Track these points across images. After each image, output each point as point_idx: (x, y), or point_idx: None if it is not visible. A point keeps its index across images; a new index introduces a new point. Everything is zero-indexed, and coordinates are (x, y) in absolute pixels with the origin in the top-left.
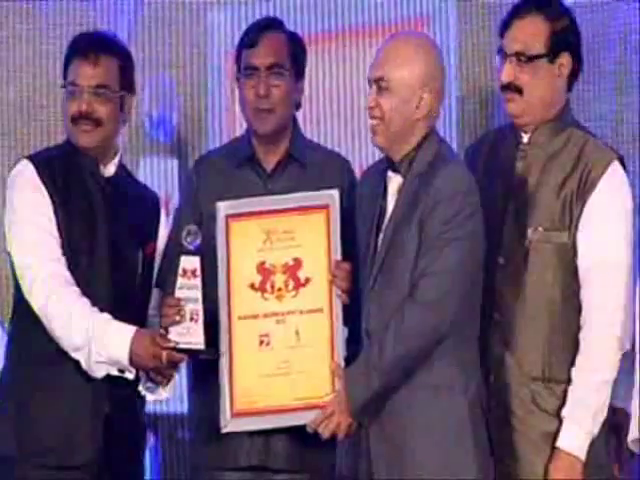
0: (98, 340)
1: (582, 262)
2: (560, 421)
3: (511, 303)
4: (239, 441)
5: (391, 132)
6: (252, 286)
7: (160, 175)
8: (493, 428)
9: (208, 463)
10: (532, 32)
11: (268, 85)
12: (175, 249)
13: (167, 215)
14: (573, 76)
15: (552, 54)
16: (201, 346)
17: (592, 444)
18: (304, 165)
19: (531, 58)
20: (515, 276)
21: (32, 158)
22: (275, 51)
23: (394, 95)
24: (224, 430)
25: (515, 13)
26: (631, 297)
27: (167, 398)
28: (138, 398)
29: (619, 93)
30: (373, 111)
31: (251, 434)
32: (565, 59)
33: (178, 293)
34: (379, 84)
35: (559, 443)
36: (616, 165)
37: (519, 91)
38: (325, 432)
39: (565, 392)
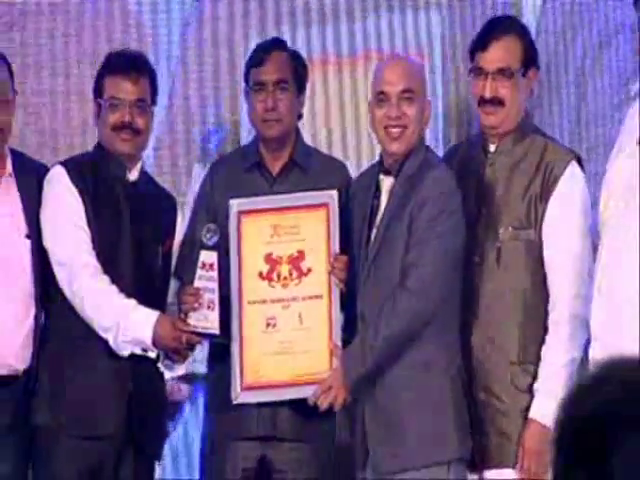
0: (125, 322)
1: (547, 254)
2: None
3: (488, 296)
4: (248, 414)
5: (412, 138)
6: (260, 275)
7: None
8: (476, 407)
9: (220, 434)
10: (510, 50)
11: (275, 99)
12: (191, 245)
13: None
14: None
15: (524, 68)
16: (216, 331)
17: None
18: (306, 169)
19: (512, 74)
20: (490, 272)
21: (64, 163)
22: (280, 68)
23: (415, 105)
24: (235, 402)
25: (491, 34)
26: (588, 283)
27: (182, 374)
28: (158, 374)
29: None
30: (398, 120)
31: (258, 408)
32: (533, 72)
33: (197, 283)
34: (403, 96)
35: (531, 414)
36: (574, 164)
37: (501, 104)
38: (324, 404)
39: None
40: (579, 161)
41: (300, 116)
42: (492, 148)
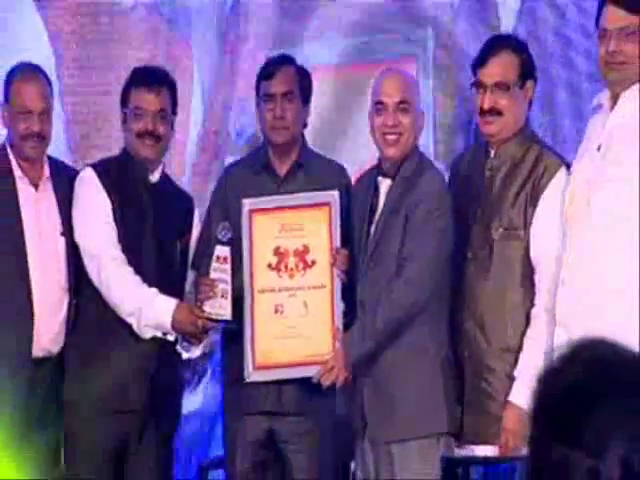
0: (147, 308)
1: (532, 252)
2: None
3: (479, 289)
4: (257, 391)
5: (407, 145)
6: (269, 266)
7: None
8: (466, 389)
9: (232, 409)
10: (507, 65)
11: (282, 108)
12: (207, 240)
13: None
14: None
15: (521, 82)
16: (229, 317)
17: None
18: (310, 171)
19: (509, 87)
20: (481, 267)
21: (94, 166)
22: (287, 81)
23: (410, 114)
24: (247, 380)
25: (489, 51)
26: None
27: (198, 355)
28: (176, 355)
29: None
30: (394, 128)
31: (266, 385)
32: (530, 84)
33: (212, 275)
34: (399, 106)
35: (510, 398)
36: (563, 171)
37: (499, 114)
38: (326, 382)
39: None
40: (568, 167)
41: (305, 124)
42: (492, 153)
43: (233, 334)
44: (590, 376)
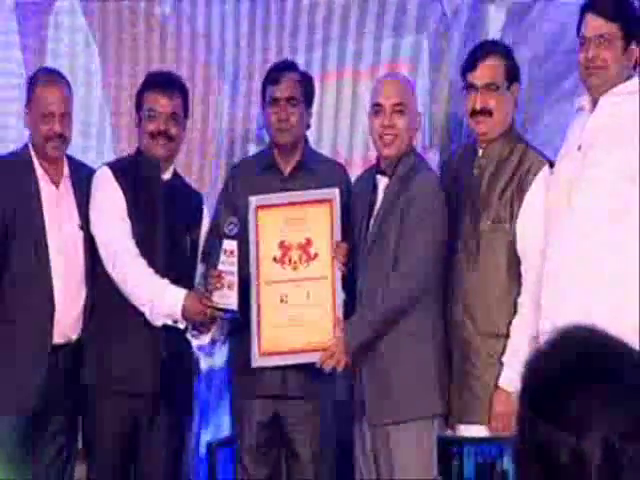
0: (159, 298)
1: (519, 245)
2: None
3: (468, 279)
4: (263, 376)
5: (402, 145)
6: (275, 259)
7: None
8: (455, 374)
9: (241, 393)
10: (495, 68)
11: (287, 112)
12: (216, 234)
13: None
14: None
15: (508, 84)
16: (235, 307)
17: None
18: (312, 170)
19: (497, 88)
20: (470, 258)
21: (109, 164)
22: (292, 87)
23: (406, 116)
24: (254, 365)
25: (478, 56)
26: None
27: (206, 342)
28: (186, 342)
29: None
30: (390, 129)
31: (271, 371)
32: (515, 87)
33: (220, 267)
34: (395, 108)
35: (499, 382)
36: (546, 169)
37: (489, 114)
38: (327, 368)
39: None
40: (551, 166)
41: (308, 126)
42: (480, 152)
43: (240, 323)
44: (575, 361)
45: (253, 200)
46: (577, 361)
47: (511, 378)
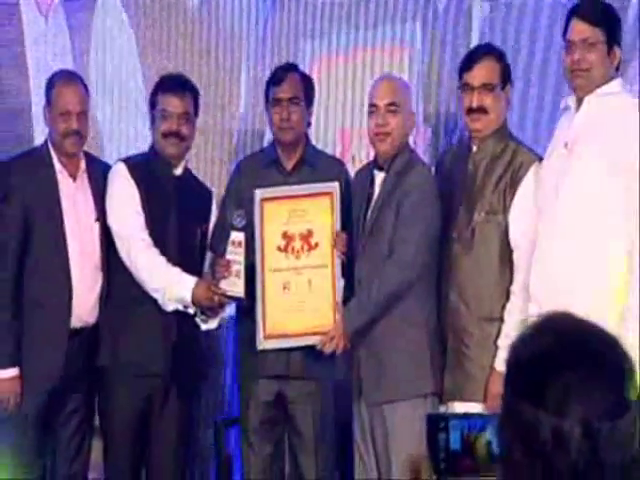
0: (171, 285)
1: (511, 235)
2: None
3: (463, 266)
4: (267, 358)
5: (395, 142)
6: (278, 248)
7: None
8: (449, 354)
9: (247, 374)
10: (490, 69)
11: (289, 112)
12: (223, 225)
13: None
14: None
15: (502, 84)
16: (242, 295)
17: None
18: (313, 166)
19: (493, 87)
20: (465, 246)
21: (124, 161)
22: (293, 87)
23: (400, 115)
24: (259, 348)
25: (474, 58)
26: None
27: (214, 327)
28: (195, 326)
29: None
30: (384, 128)
31: (275, 353)
32: (508, 88)
33: (228, 256)
34: (389, 108)
35: (495, 365)
36: (537, 165)
37: (485, 112)
38: (328, 350)
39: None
40: (541, 161)
41: (309, 124)
42: (475, 148)
43: (246, 309)
44: (556, 345)
45: (258, 193)
46: (557, 345)
47: (504, 360)
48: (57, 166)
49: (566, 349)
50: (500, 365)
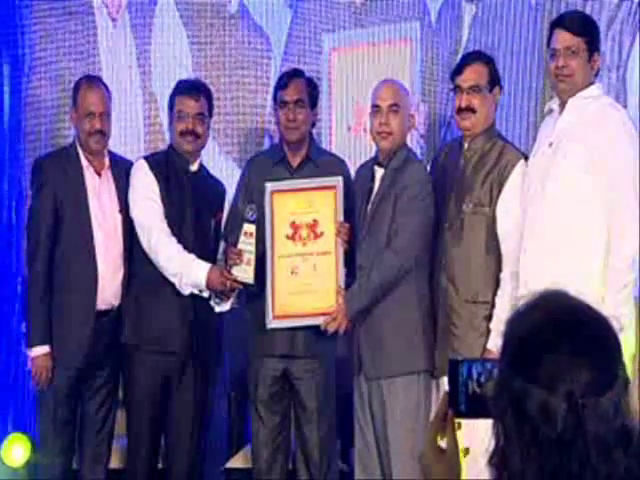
0: (187, 270)
1: (500, 227)
2: (486, 330)
3: (453, 253)
4: (274, 337)
5: (396, 141)
6: (287, 236)
7: None
8: (439, 333)
9: (256, 353)
10: (479, 73)
11: (294, 113)
12: (235, 216)
13: None
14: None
15: (490, 87)
16: (251, 281)
17: None
18: (317, 163)
19: (481, 89)
20: (455, 235)
21: (146, 157)
22: (299, 91)
23: (400, 116)
24: (268, 327)
25: (465, 62)
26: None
27: (226, 309)
28: (209, 308)
29: None
30: (386, 127)
31: (282, 333)
32: (497, 90)
33: (240, 246)
34: (390, 109)
35: (487, 346)
36: (522, 163)
37: (473, 112)
38: (331, 330)
39: (487, 310)
40: (526, 159)
41: (314, 124)
42: (466, 146)
43: (255, 294)
44: (548, 322)
45: (269, 186)
46: (549, 322)
47: (496, 341)
48: (84, 163)
49: (558, 326)
50: (491, 345)
